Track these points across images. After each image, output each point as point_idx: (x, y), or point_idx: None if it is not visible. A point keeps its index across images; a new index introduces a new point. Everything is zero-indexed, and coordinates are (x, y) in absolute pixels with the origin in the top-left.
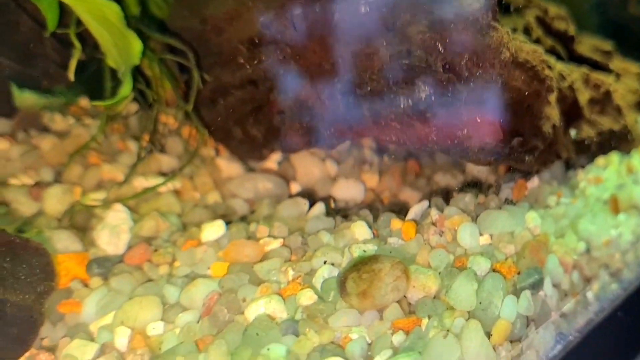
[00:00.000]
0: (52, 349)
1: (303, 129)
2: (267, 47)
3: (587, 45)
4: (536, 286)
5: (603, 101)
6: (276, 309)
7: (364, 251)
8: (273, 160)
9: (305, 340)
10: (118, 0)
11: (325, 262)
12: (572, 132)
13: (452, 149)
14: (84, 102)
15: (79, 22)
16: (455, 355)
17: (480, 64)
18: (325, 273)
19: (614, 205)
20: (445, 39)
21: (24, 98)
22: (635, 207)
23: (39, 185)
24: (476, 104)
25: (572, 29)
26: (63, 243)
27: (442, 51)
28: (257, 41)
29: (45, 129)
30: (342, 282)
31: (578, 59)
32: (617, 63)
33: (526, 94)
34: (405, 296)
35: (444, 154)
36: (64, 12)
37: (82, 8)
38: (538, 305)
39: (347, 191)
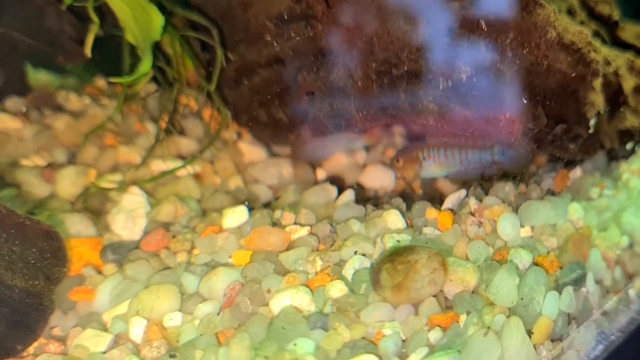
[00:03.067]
0: (62, 339)
1: (334, 111)
2: (296, 24)
3: (631, 31)
4: (578, 282)
5: None
6: (303, 301)
7: (398, 241)
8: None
9: (336, 335)
10: None
11: (356, 253)
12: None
13: (492, 135)
14: (101, 81)
15: None
16: (495, 354)
17: (525, 44)
18: (356, 264)
19: None
20: (488, 16)
21: (39, 76)
22: None
23: (52, 166)
24: (519, 87)
25: (616, 14)
26: (76, 227)
27: (485, 29)
28: (286, 17)
29: (59, 109)
30: (375, 274)
31: (621, 45)
32: None
33: (571, 77)
34: (442, 290)
35: (484, 139)
36: None
37: None
38: (580, 302)
39: (377, 179)
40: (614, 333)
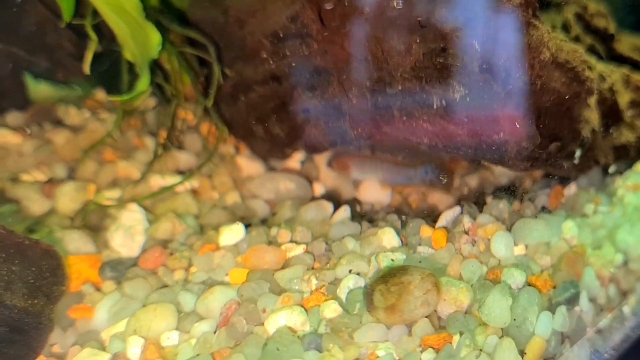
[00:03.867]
0: (61, 356)
1: (328, 128)
2: (292, 42)
3: (627, 44)
4: (572, 301)
5: None
6: (298, 321)
7: (392, 260)
8: (296, 160)
9: (329, 356)
10: None
11: (350, 271)
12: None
13: (486, 154)
14: (100, 95)
15: (95, 13)
16: None
17: (519, 65)
18: (350, 283)
19: None
20: (482, 37)
21: (39, 90)
22: None
23: (52, 181)
24: (513, 107)
25: (612, 27)
26: (75, 244)
27: (479, 50)
28: (281, 35)
29: (59, 123)
30: (369, 295)
31: (618, 58)
32: None
33: (566, 96)
34: (435, 310)
35: (478, 158)
36: (80, 2)
37: None
38: (573, 321)
39: (373, 194)
40: (607, 351)
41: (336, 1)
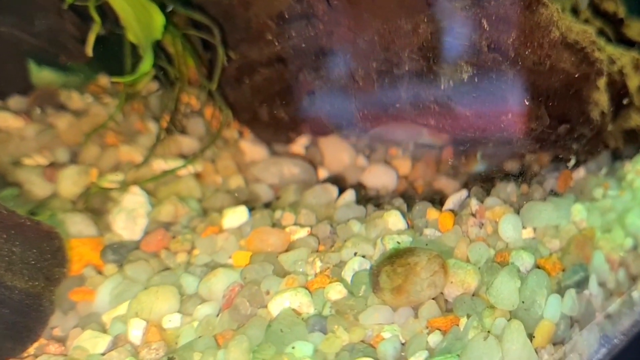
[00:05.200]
0: (62, 340)
1: (334, 111)
2: (297, 23)
3: (637, 28)
4: (581, 284)
5: None
6: (302, 303)
7: (398, 243)
8: (300, 144)
9: (334, 338)
10: None
11: (355, 254)
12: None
13: (495, 136)
14: (103, 79)
15: None
16: (495, 358)
17: (528, 44)
18: (355, 265)
19: None
20: (490, 16)
21: (42, 75)
22: None
23: (54, 165)
24: (522, 87)
25: (621, 11)
26: (77, 227)
27: (487, 29)
28: (287, 16)
29: (62, 107)
30: (374, 276)
31: (627, 43)
32: None
33: (575, 77)
34: (442, 292)
35: (486, 139)
36: None
37: None
38: (583, 305)
39: (378, 178)
40: (617, 336)
41: None
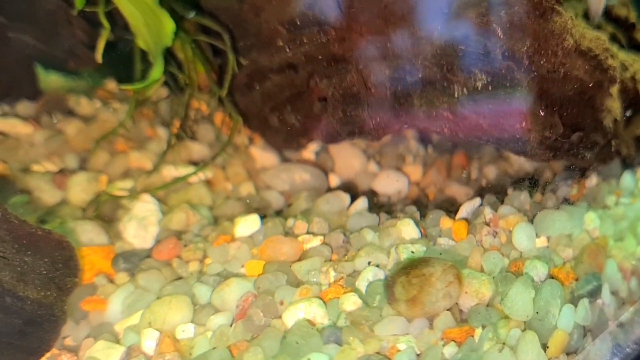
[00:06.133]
0: (74, 349)
1: (347, 118)
2: (308, 29)
3: None
4: (594, 294)
5: None
6: (317, 314)
7: (412, 252)
8: (310, 151)
9: (350, 350)
10: None
11: (369, 263)
12: None
13: (508, 143)
14: (112, 85)
15: (108, 1)
16: None
17: (542, 52)
18: (369, 275)
19: None
20: (505, 24)
21: (50, 80)
22: None
23: (63, 172)
24: (535, 95)
25: (633, 16)
26: (87, 235)
27: (502, 37)
28: (298, 22)
29: (70, 113)
30: (389, 287)
31: (638, 48)
32: None
33: (588, 85)
34: (457, 303)
35: (499, 148)
36: None
37: None
38: (595, 314)
39: (390, 185)
40: (629, 345)
41: None
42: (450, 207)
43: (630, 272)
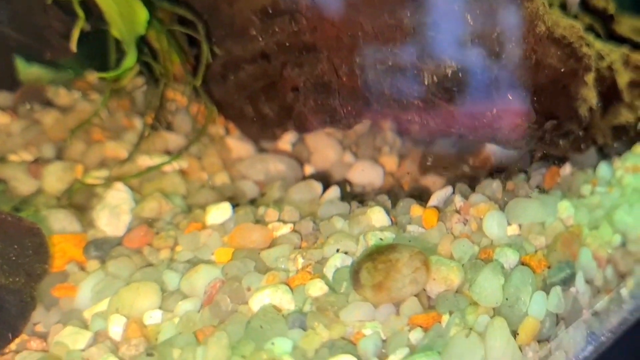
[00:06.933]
0: (44, 335)
1: (318, 107)
2: (281, 18)
3: (627, 25)
4: (567, 282)
5: None
6: (283, 299)
7: (381, 239)
8: (286, 141)
9: (314, 335)
10: None
11: (338, 250)
12: None
13: (480, 132)
14: (91, 76)
15: None
16: (478, 356)
17: (513, 38)
18: (337, 262)
19: None
20: (474, 9)
21: (30, 72)
22: None
23: (39, 161)
24: (507, 83)
25: (611, 7)
26: (60, 223)
27: (471, 23)
28: (270, 12)
29: (48, 103)
30: (355, 273)
31: (617, 39)
32: None
33: (562, 72)
34: (424, 289)
35: (471, 136)
36: None
37: None
38: (569, 302)
39: (365, 175)
40: (604, 334)
41: None
42: (424, 197)
43: (605, 261)
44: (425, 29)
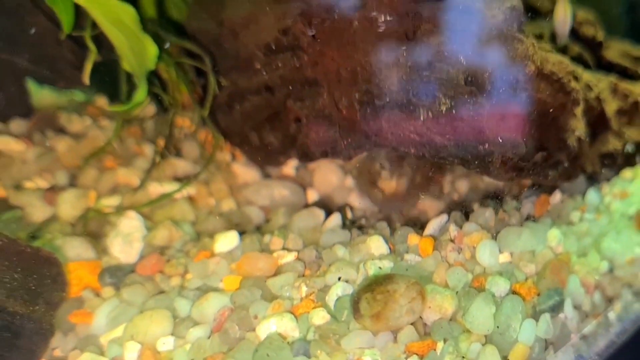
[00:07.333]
0: None
1: (319, 138)
2: (283, 53)
3: (616, 50)
4: (556, 308)
5: (631, 112)
6: (288, 327)
7: (380, 268)
8: (291, 167)
9: None
10: (134, 1)
11: (339, 279)
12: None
13: (472, 163)
14: (101, 101)
15: (94, 25)
16: None
17: (504, 77)
18: (339, 290)
19: (639, 221)
20: (467, 51)
21: (42, 95)
22: None
23: (54, 189)
24: (499, 118)
25: (600, 35)
26: (75, 251)
27: (464, 63)
28: (273, 47)
29: (61, 130)
30: (355, 303)
31: (606, 66)
32: None
33: (551, 107)
34: (420, 317)
35: (464, 167)
36: (80, 14)
37: (98, 11)
38: (557, 327)
39: (365, 200)
40: (592, 356)
41: (326, 15)
42: (422, 220)
43: (593, 287)
44: (419, 68)
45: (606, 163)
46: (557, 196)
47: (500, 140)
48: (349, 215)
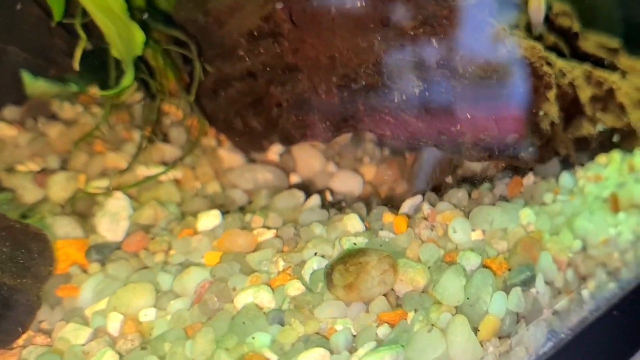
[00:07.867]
0: (48, 332)
1: (300, 121)
2: (265, 40)
3: (592, 42)
4: (527, 283)
5: (606, 99)
6: (264, 298)
7: (354, 244)
8: (274, 152)
9: (291, 330)
10: None
11: (315, 254)
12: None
13: (445, 145)
14: (94, 90)
15: (84, 13)
16: (439, 349)
17: (476, 60)
18: (314, 264)
19: (614, 204)
20: (439, 35)
21: (36, 86)
22: (636, 206)
23: (45, 172)
24: (470, 100)
25: (576, 26)
26: (64, 229)
27: (436, 47)
28: (255, 34)
29: (53, 117)
30: (328, 274)
31: (582, 56)
32: (624, 61)
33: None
34: (393, 289)
35: (437, 149)
36: (71, 3)
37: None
38: (529, 302)
39: (345, 184)
40: (564, 331)
41: (306, 2)
42: (398, 204)
43: (566, 264)
44: (393, 52)
45: (580, 147)
46: (530, 178)
47: (472, 122)
48: (329, 197)
